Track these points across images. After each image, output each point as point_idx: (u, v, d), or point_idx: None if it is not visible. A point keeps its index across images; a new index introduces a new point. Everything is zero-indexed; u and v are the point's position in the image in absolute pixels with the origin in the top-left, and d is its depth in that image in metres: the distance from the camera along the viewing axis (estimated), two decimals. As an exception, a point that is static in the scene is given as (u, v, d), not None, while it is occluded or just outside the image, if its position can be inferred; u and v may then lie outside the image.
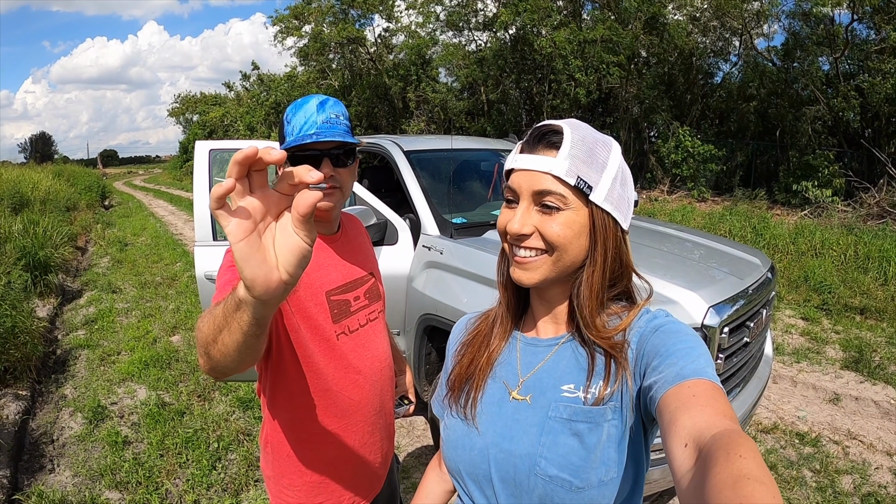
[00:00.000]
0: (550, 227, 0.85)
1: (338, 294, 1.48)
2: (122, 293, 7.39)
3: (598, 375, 0.88)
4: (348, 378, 1.49)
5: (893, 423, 3.99)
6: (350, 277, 1.53)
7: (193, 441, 3.63)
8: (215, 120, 32.66)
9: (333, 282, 1.48)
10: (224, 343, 0.88)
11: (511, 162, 0.91)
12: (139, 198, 24.58)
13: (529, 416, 0.91)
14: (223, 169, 3.94)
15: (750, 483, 0.48)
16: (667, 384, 0.74)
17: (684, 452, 0.61)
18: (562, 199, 0.85)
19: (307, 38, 21.86)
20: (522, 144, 0.91)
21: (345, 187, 1.46)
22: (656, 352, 0.82)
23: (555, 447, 0.86)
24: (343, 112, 1.45)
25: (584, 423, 0.85)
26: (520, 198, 0.88)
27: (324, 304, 1.44)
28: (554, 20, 15.81)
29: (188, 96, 45.32)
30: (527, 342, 0.99)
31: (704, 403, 0.67)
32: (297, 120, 1.40)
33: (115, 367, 4.91)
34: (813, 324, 5.91)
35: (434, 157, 4.17)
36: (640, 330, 0.89)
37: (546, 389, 0.92)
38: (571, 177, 0.84)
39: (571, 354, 0.93)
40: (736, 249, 3.50)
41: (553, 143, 0.86)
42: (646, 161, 16.50)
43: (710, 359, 0.79)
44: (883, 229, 8.70)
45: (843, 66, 13.76)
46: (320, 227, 1.52)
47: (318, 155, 1.39)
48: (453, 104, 19.72)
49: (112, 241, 11.27)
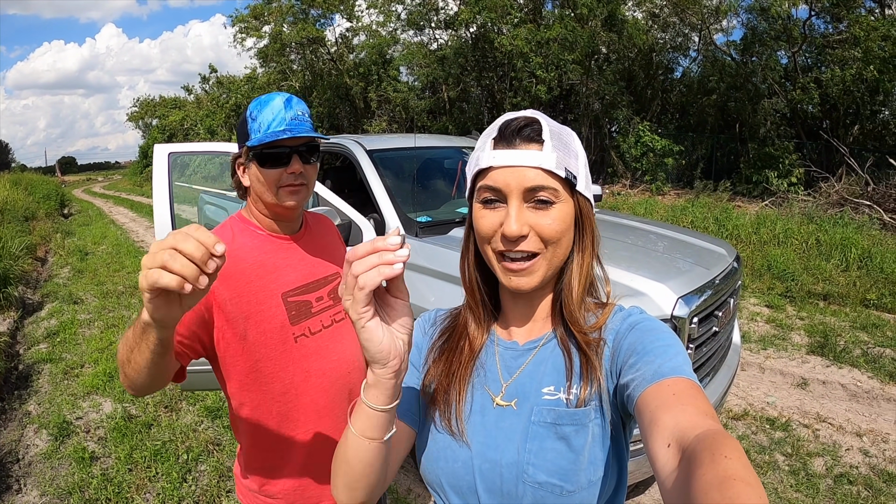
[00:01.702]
0: (546, 223, 0.82)
1: (296, 295, 1.45)
2: (84, 304, 7.20)
3: (577, 376, 0.86)
4: (310, 382, 1.45)
5: (861, 405, 4.07)
6: (311, 278, 1.49)
7: (162, 454, 3.55)
8: (175, 124, 32.07)
9: (291, 283, 1.45)
10: (136, 361, 1.03)
11: (487, 159, 0.84)
12: (99, 205, 23.97)
13: (514, 422, 0.88)
14: (184, 173, 3.84)
15: (736, 484, 0.48)
16: (645, 382, 0.73)
17: (667, 453, 0.61)
18: (554, 193, 0.82)
19: (267, 38, 21.55)
20: (494, 140, 0.85)
21: (310, 184, 1.46)
22: (633, 349, 0.81)
23: (542, 453, 0.83)
24: (307, 110, 1.45)
25: (570, 425, 0.83)
26: (507, 197, 0.82)
27: (280, 307, 1.41)
28: (514, 18, 15.86)
29: (147, 100, 44.39)
30: (505, 346, 0.95)
31: (685, 402, 0.67)
32: (264, 117, 1.39)
33: (79, 380, 4.78)
34: (778, 311, 6.02)
35: (397, 155, 4.12)
36: (616, 327, 0.88)
37: (529, 394, 0.89)
38: (561, 169, 0.82)
39: (550, 356, 0.91)
40: (701, 240, 3.53)
41: (533, 137, 0.83)
42: (607, 156, 16.68)
43: (686, 357, 0.78)
44: (842, 217, 8.92)
45: (801, 60, 14.10)
46: (283, 226, 1.49)
47: (287, 152, 1.40)
48: (415, 103, 19.65)
49: (72, 251, 11.00)
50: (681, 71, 18.48)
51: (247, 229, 1.47)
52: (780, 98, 13.92)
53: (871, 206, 9.72)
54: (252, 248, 1.43)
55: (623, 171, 15.72)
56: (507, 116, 0.87)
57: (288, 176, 1.40)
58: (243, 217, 1.50)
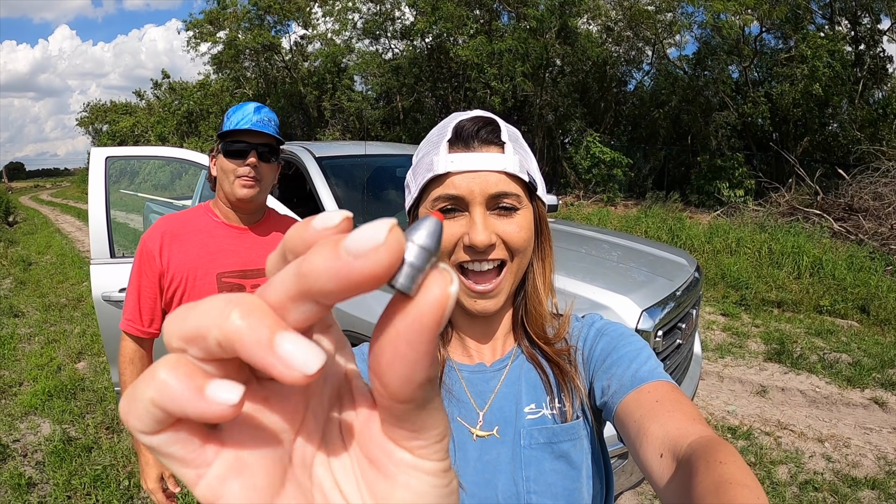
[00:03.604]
0: (513, 230, 0.76)
1: (231, 278, 1.63)
2: (25, 317, 6.87)
3: (556, 388, 0.81)
4: None
5: (821, 411, 4.09)
6: (250, 266, 1.66)
7: (103, 479, 3.32)
8: (125, 130, 31.42)
9: (228, 266, 1.63)
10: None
11: (444, 164, 0.74)
12: (45, 213, 23.19)
13: (501, 452, 0.79)
14: (133, 181, 3.64)
15: (733, 487, 0.48)
16: (624, 389, 0.71)
17: (661, 463, 0.60)
18: (517, 198, 0.76)
19: (221, 44, 21.22)
20: (450, 143, 0.75)
21: (265, 181, 1.64)
22: (605, 354, 0.79)
23: (542, 477, 0.77)
24: (274, 118, 1.67)
25: (567, 441, 0.78)
26: (469, 204, 0.74)
27: (213, 285, 1.61)
28: (469, 29, 15.94)
29: (98, 105, 43.37)
30: (471, 370, 0.85)
31: (671, 409, 0.65)
32: (235, 117, 1.62)
33: (16, 399, 4.49)
34: (733, 319, 6.06)
35: (347, 163, 3.96)
36: (584, 334, 0.84)
37: (510, 418, 0.81)
38: (523, 173, 0.76)
39: (522, 373, 0.83)
40: (661, 251, 3.50)
41: (492, 139, 0.76)
42: (559, 168, 16.87)
43: (657, 359, 0.77)
44: (794, 226, 9.12)
45: (752, 74, 14.52)
46: (241, 217, 1.68)
47: (247, 148, 1.59)
48: (369, 113, 19.62)
49: (15, 261, 10.55)
50: (634, 84, 18.86)
51: (205, 215, 1.68)
52: (732, 111, 14.29)
53: (821, 215, 9.97)
54: (201, 231, 1.64)
55: (575, 182, 15.89)
56: (458, 117, 0.78)
57: (244, 168, 1.58)
58: (207, 205, 1.71)
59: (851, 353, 4.96)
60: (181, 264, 1.59)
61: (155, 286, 1.60)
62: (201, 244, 1.62)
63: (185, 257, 1.60)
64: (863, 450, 3.57)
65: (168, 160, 3.52)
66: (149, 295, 1.61)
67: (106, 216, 2.98)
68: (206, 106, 24.53)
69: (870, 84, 13.30)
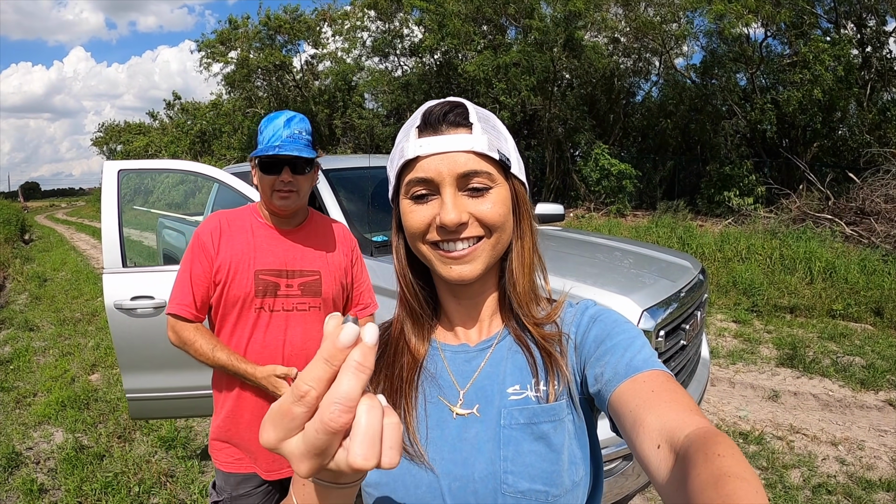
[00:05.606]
0: (486, 208, 0.75)
1: (267, 275, 1.76)
2: (40, 331, 6.98)
3: (542, 371, 0.80)
4: (266, 349, 1.78)
5: (834, 414, 4.05)
6: (286, 266, 1.79)
7: (113, 485, 3.36)
8: (139, 149, 31.88)
9: (266, 264, 1.77)
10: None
11: (413, 149, 0.75)
12: (60, 231, 23.52)
13: (480, 430, 0.79)
14: (147, 199, 3.70)
15: (731, 481, 0.47)
16: (618, 378, 0.70)
17: (658, 455, 0.59)
18: (489, 177, 0.76)
19: (233, 63, 21.51)
20: (419, 129, 0.76)
21: (301, 191, 1.77)
22: (598, 342, 0.77)
23: (520, 457, 0.75)
24: (307, 128, 1.76)
25: (547, 422, 0.77)
26: (440, 186, 0.75)
27: (250, 279, 1.74)
28: (477, 45, 16.03)
29: (112, 125, 44.11)
30: (454, 350, 0.86)
31: (668, 399, 0.64)
32: (267, 132, 1.71)
33: (31, 409, 4.56)
34: (745, 325, 6.02)
35: (353, 175, 4.03)
36: (576, 320, 0.83)
37: (492, 397, 0.80)
38: (493, 151, 0.76)
39: (508, 354, 0.83)
40: (665, 254, 3.50)
41: (460, 121, 0.76)
42: (569, 180, 16.84)
43: (651, 347, 0.75)
44: (805, 231, 9.06)
45: (759, 81, 14.46)
46: (279, 221, 1.83)
47: (280, 163, 1.70)
48: (380, 130, 19.74)
49: (31, 277, 10.74)
50: (642, 95, 18.85)
51: (252, 215, 1.84)
52: (740, 118, 14.23)
53: (833, 219, 9.90)
54: (246, 230, 1.80)
55: (586, 194, 15.85)
56: (430, 104, 0.79)
57: (279, 182, 1.71)
58: (255, 206, 1.87)
59: (865, 356, 4.91)
60: (227, 258, 1.74)
61: (208, 275, 1.74)
62: (245, 241, 1.77)
63: (231, 252, 1.75)
64: (877, 452, 3.53)
65: (179, 173, 3.57)
66: (201, 283, 1.74)
67: (118, 227, 3.02)
68: (218, 125, 24.81)
69: (878, 86, 13.21)
